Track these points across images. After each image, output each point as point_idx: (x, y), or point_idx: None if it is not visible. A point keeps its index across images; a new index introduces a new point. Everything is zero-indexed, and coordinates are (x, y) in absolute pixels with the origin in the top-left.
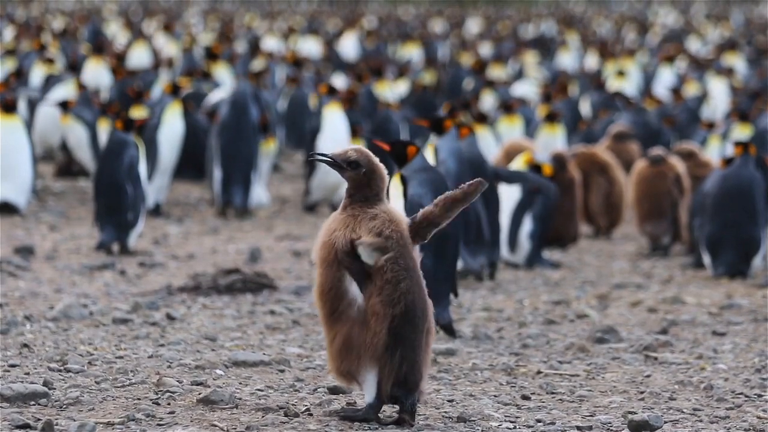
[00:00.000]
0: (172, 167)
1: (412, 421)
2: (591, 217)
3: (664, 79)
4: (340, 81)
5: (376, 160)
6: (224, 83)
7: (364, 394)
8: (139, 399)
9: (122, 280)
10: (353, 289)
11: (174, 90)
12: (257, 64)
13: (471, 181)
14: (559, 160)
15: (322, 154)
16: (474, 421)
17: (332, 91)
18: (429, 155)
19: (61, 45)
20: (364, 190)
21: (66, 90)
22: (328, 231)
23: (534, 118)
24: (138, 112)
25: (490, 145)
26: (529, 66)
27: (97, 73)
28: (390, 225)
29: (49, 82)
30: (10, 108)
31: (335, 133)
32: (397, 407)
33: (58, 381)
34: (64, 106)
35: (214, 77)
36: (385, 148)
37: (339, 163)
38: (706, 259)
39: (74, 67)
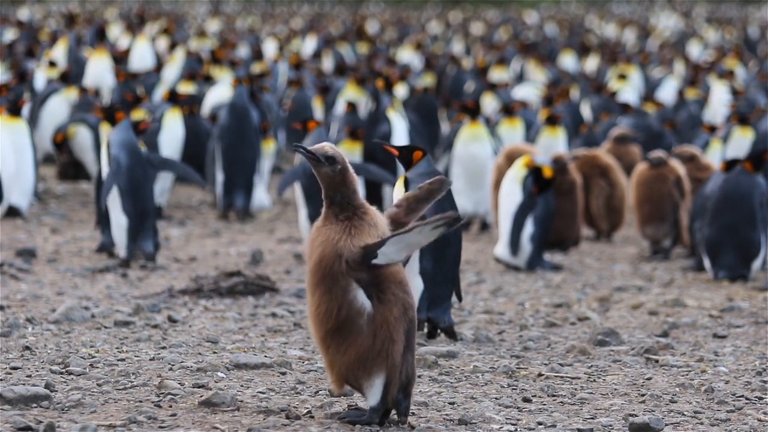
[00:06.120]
0: None
1: (410, 422)
2: (592, 220)
3: (666, 83)
4: (341, 84)
5: (346, 159)
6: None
7: (367, 398)
8: (140, 401)
9: (124, 282)
10: (360, 297)
11: (171, 96)
12: (259, 66)
13: (434, 179)
14: (560, 163)
15: (302, 147)
16: (475, 423)
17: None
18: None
19: (67, 48)
20: (341, 188)
21: (60, 101)
22: (326, 242)
23: (535, 121)
24: (138, 116)
25: (486, 140)
26: (532, 69)
27: (100, 70)
28: (388, 228)
29: (49, 85)
30: (14, 111)
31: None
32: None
33: (59, 383)
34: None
35: (216, 80)
36: (394, 153)
37: (317, 157)
38: (707, 262)
39: (66, 78)
